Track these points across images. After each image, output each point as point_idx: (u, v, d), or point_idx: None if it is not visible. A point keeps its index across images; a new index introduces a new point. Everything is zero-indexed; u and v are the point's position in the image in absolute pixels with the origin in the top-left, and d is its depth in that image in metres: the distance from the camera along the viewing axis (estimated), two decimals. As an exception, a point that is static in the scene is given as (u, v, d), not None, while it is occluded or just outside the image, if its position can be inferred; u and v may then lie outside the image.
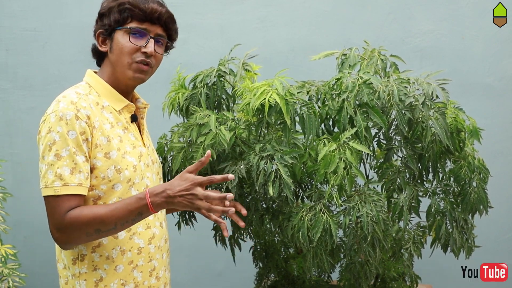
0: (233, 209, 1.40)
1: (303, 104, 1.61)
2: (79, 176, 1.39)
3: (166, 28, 1.54)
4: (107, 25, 1.51)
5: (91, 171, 1.44)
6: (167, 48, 1.61)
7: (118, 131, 1.50)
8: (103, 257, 1.47)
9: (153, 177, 1.58)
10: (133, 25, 1.49)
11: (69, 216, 1.37)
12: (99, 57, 1.57)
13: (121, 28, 1.49)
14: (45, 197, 1.39)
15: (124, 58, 1.49)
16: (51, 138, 1.39)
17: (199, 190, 1.36)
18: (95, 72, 1.57)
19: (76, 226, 1.37)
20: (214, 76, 1.77)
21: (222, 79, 1.78)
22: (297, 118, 1.62)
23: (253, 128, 1.64)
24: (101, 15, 1.53)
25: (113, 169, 1.45)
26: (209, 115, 1.64)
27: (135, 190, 1.50)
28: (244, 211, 1.57)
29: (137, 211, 1.38)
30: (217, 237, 1.97)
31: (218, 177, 1.37)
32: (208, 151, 1.40)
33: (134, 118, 1.57)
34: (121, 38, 1.49)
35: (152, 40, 1.50)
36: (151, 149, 1.63)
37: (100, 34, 1.53)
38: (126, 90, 1.56)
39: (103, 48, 1.53)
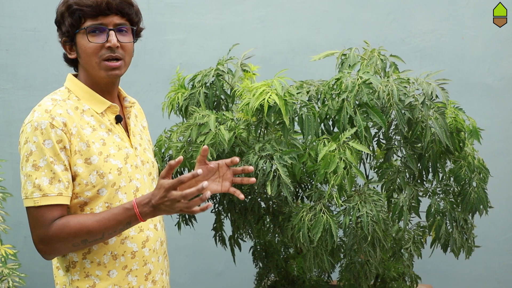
0: (211, 204, 1.36)
1: (302, 105, 1.61)
2: (58, 186, 1.37)
3: (122, 14, 1.46)
4: (66, 32, 1.47)
5: (74, 179, 1.42)
6: (136, 34, 1.54)
7: (101, 134, 1.47)
8: (94, 263, 1.45)
9: (144, 178, 1.54)
10: (87, 23, 1.43)
11: (54, 227, 1.36)
12: (73, 63, 1.54)
13: (78, 31, 1.45)
14: (27, 208, 1.38)
15: (91, 60, 1.45)
16: (27, 148, 1.38)
17: (174, 194, 1.33)
18: (76, 76, 1.53)
19: (62, 236, 1.36)
20: (213, 76, 1.77)
21: (221, 79, 1.78)
22: (296, 118, 1.62)
23: (252, 127, 1.64)
24: (58, 23, 1.50)
25: (95, 174, 1.43)
26: (209, 115, 1.64)
27: (123, 193, 1.47)
28: (241, 196, 1.54)
29: (126, 221, 1.37)
30: (217, 237, 1.97)
31: (187, 175, 1.33)
32: (180, 157, 1.35)
33: (118, 119, 1.53)
34: (82, 40, 1.45)
35: (112, 32, 1.44)
36: (142, 150, 1.58)
37: (64, 43, 1.50)
38: (107, 89, 1.51)
39: (72, 55, 1.50)
